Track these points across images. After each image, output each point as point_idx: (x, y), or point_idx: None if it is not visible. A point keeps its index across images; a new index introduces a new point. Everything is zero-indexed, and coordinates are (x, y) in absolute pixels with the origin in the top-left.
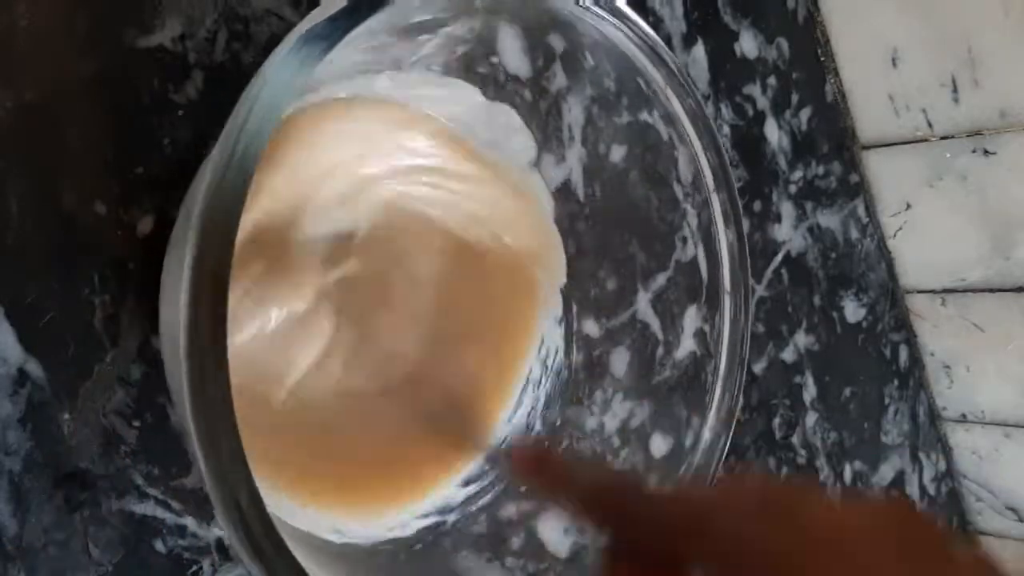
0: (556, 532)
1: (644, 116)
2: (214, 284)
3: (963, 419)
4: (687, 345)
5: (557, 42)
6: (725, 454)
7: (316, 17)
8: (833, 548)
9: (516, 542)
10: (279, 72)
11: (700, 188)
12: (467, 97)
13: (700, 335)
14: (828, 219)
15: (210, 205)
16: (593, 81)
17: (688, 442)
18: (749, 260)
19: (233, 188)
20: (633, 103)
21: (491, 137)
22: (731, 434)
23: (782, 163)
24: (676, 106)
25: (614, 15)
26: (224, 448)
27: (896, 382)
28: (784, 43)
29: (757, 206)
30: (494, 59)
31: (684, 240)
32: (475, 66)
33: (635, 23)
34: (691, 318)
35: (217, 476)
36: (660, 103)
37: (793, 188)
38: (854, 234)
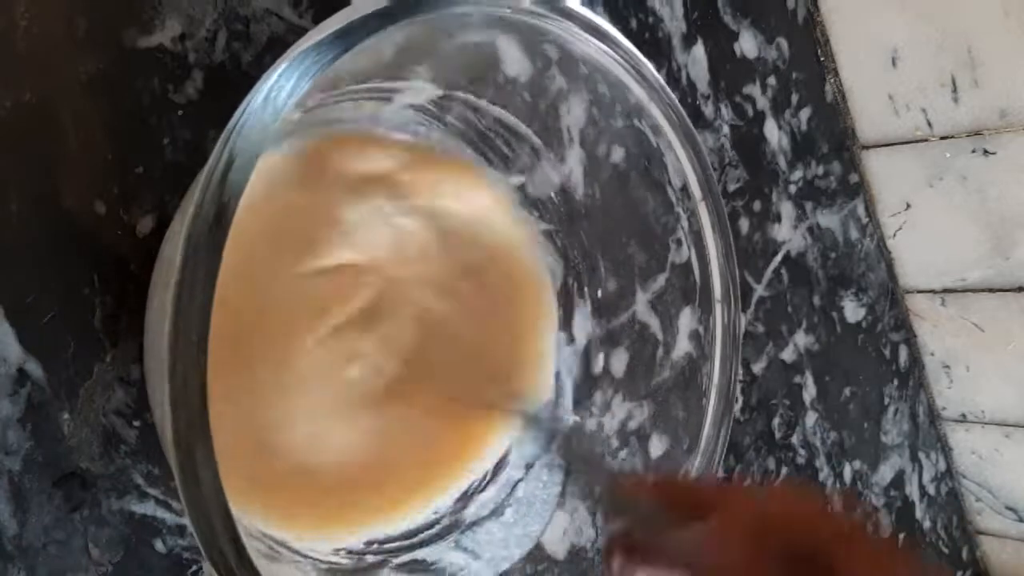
0: (555, 533)
1: (636, 123)
2: (197, 349)
3: (963, 419)
4: (683, 346)
5: (552, 51)
6: (723, 456)
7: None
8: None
9: None
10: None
11: (689, 196)
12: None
13: (695, 337)
14: (828, 219)
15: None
16: (589, 87)
17: (686, 444)
18: (737, 267)
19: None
20: (624, 110)
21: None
22: (728, 437)
23: (782, 163)
24: (661, 119)
25: (597, 34)
26: (214, 512)
27: (896, 382)
28: (784, 43)
29: (757, 206)
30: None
31: (679, 242)
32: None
33: (616, 41)
34: (686, 320)
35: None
36: (648, 114)
37: (793, 188)
38: (854, 234)
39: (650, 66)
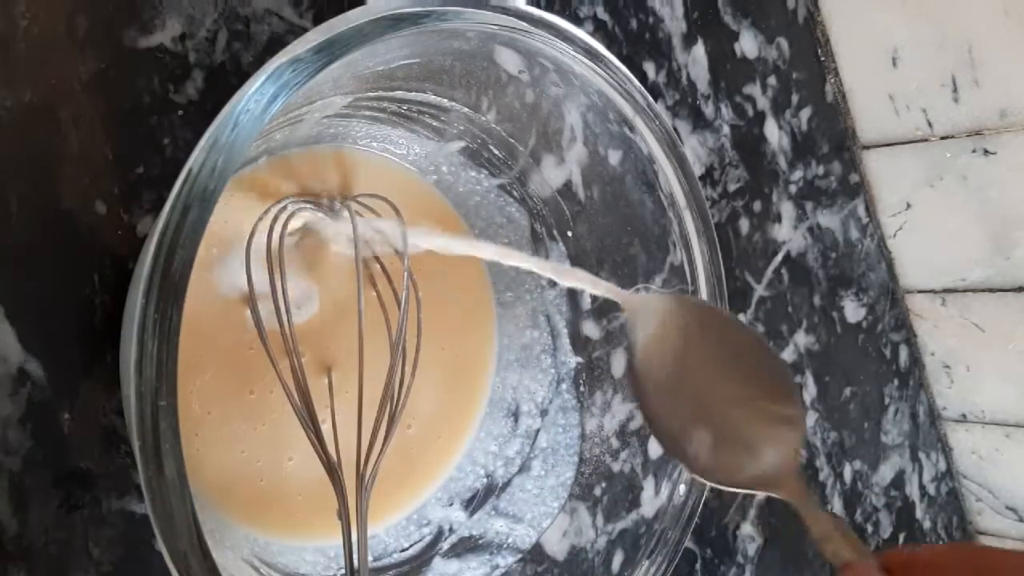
0: (555, 534)
1: (627, 131)
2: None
3: (963, 419)
4: None
5: (547, 62)
6: None
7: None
8: None
9: None
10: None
11: (675, 203)
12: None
13: None
14: (828, 219)
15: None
16: (584, 92)
17: None
18: (724, 273)
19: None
20: (617, 118)
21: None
22: None
23: (782, 163)
24: (646, 133)
25: (589, 54)
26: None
27: (896, 382)
28: (784, 43)
29: (757, 206)
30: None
31: (674, 244)
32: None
33: (603, 57)
34: None
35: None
36: (636, 127)
37: (793, 188)
38: (854, 234)
39: (634, 82)
